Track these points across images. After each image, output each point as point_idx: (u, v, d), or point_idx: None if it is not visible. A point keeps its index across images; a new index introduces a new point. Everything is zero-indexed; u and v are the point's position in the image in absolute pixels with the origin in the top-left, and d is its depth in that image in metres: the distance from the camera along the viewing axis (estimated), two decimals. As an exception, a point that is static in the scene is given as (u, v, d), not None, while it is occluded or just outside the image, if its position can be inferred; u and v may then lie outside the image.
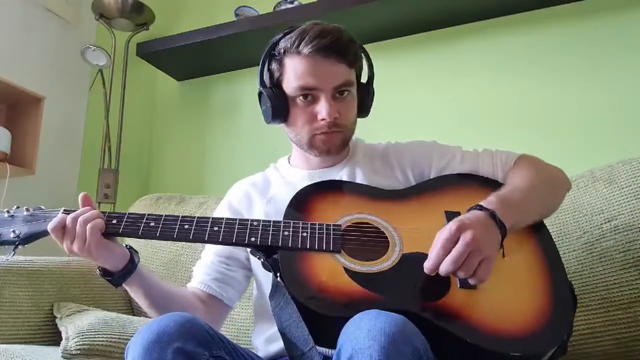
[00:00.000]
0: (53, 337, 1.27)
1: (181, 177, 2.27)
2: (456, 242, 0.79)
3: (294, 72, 1.01)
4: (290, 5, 1.97)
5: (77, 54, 2.06)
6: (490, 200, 0.89)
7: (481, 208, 0.86)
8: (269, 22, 1.89)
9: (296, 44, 0.99)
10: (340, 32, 1.01)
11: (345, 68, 1.02)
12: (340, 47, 1.00)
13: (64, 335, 1.10)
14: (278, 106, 1.03)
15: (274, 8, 2.00)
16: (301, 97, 1.02)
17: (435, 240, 0.81)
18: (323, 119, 1.01)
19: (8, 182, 1.73)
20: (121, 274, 0.93)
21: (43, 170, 1.88)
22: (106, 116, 2.10)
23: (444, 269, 0.79)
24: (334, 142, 1.05)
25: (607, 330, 1.14)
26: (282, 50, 1.02)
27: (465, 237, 0.79)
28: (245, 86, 2.17)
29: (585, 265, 1.20)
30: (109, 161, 2.10)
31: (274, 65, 1.04)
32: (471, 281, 0.81)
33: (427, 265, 0.81)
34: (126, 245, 0.96)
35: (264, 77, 1.06)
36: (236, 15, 2.07)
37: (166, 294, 1.01)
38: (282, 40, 1.03)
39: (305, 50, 0.98)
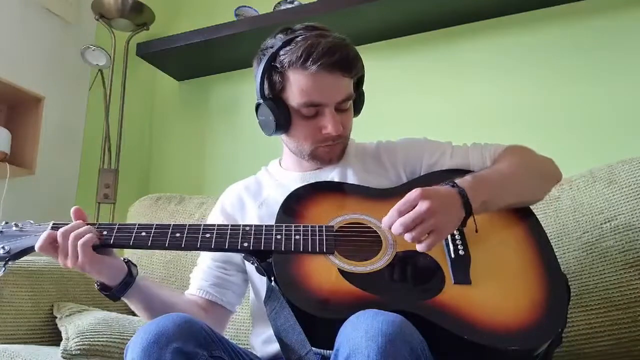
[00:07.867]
0: (53, 337, 1.27)
1: (181, 177, 2.27)
2: (414, 208, 0.82)
3: (298, 88, 0.99)
4: (290, 5, 1.97)
5: (77, 54, 2.05)
6: (465, 179, 0.91)
7: (454, 185, 0.89)
8: (269, 22, 1.89)
9: (302, 59, 0.96)
10: (347, 48, 1.00)
11: (348, 81, 1.02)
12: (348, 64, 0.99)
13: (64, 335, 1.10)
14: (281, 119, 1.02)
15: (274, 8, 2.00)
16: (305, 111, 1.01)
17: (397, 203, 0.84)
18: (328, 133, 1.01)
19: (8, 182, 1.73)
20: (119, 288, 0.93)
21: (43, 170, 1.87)
22: (106, 116, 2.10)
23: (394, 229, 0.83)
24: (336, 153, 1.08)
25: (607, 330, 1.13)
26: (285, 64, 0.99)
27: (422, 205, 0.81)
28: (245, 86, 2.17)
29: (585, 265, 1.20)
30: (109, 161, 2.10)
31: (276, 77, 1.01)
32: (418, 247, 0.83)
33: (382, 223, 0.85)
34: (124, 259, 0.95)
35: (264, 88, 1.03)
36: (236, 15, 2.07)
37: (166, 305, 1.00)
38: (283, 51, 0.99)
39: (313, 67, 0.96)
